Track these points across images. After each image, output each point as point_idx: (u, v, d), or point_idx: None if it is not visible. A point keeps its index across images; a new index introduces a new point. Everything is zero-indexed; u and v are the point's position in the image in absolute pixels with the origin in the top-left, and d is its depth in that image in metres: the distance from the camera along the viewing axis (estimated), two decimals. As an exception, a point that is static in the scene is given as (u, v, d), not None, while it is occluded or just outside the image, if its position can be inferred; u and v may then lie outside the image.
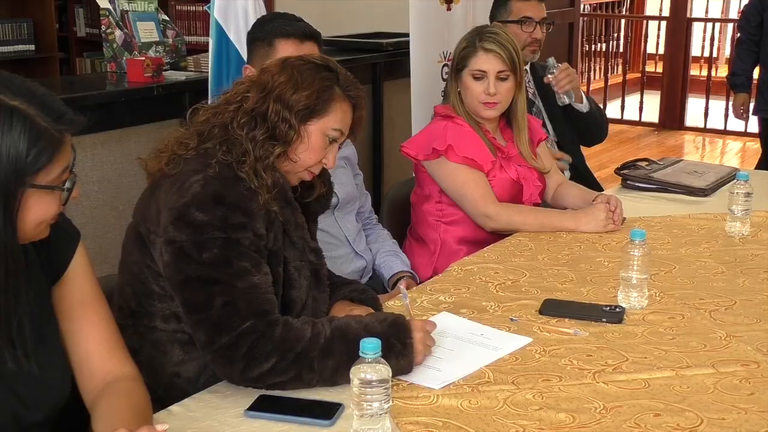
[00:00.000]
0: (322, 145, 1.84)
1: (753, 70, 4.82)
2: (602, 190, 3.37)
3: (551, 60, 3.28)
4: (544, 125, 3.34)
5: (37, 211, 1.34)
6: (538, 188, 2.81)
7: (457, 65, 2.73)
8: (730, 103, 5.23)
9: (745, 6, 4.89)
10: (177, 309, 1.75)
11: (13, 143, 1.27)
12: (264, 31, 2.49)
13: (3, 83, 1.30)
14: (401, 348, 1.67)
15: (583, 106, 3.37)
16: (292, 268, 1.83)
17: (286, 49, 2.40)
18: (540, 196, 2.84)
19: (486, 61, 2.67)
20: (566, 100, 3.28)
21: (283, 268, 1.81)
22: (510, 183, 2.74)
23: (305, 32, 2.47)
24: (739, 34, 4.90)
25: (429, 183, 2.77)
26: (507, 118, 2.81)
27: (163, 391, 1.74)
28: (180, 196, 1.70)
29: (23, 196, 1.30)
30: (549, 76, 3.26)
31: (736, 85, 4.85)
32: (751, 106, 4.90)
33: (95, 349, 1.52)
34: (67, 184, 1.36)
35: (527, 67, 3.38)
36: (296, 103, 1.79)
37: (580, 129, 3.46)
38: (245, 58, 2.77)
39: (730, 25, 8.95)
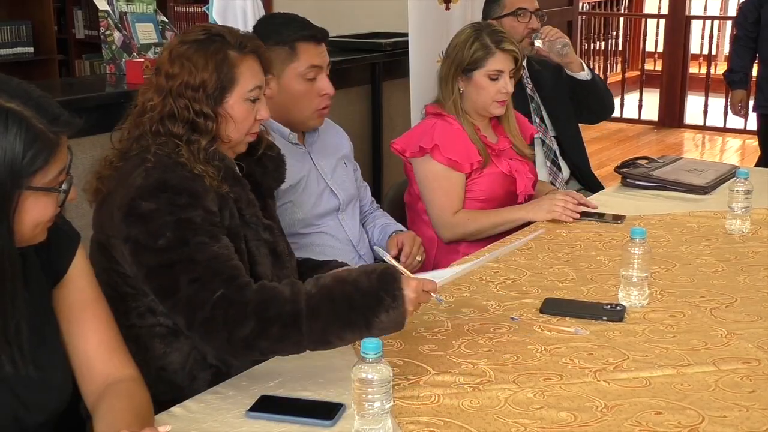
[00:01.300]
0: (246, 111, 1.84)
1: (751, 67, 4.77)
2: (603, 188, 3.38)
3: (534, 34, 3.32)
4: (543, 121, 3.35)
5: (33, 214, 1.34)
6: (530, 180, 2.86)
7: (467, 66, 2.74)
8: (729, 100, 5.21)
9: (743, 2, 4.83)
10: (151, 303, 1.76)
11: (9, 146, 1.27)
12: (282, 35, 2.41)
13: None
14: (391, 301, 1.57)
15: (585, 74, 3.37)
16: (252, 246, 1.84)
17: (308, 51, 2.38)
18: (533, 188, 2.87)
19: (504, 61, 2.73)
20: (559, 46, 3.28)
21: (245, 245, 1.82)
22: (502, 177, 2.78)
23: (323, 34, 2.44)
24: (736, 31, 4.86)
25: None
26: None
27: (152, 387, 1.74)
28: (126, 193, 1.70)
29: (20, 198, 1.30)
30: (537, 43, 3.29)
31: (733, 82, 4.80)
32: (750, 103, 4.89)
33: (96, 350, 1.53)
34: (64, 186, 1.37)
35: (524, 63, 3.39)
36: (202, 90, 1.77)
37: (586, 103, 3.44)
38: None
39: (729, 23, 8.94)
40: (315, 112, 2.45)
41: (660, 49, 9.10)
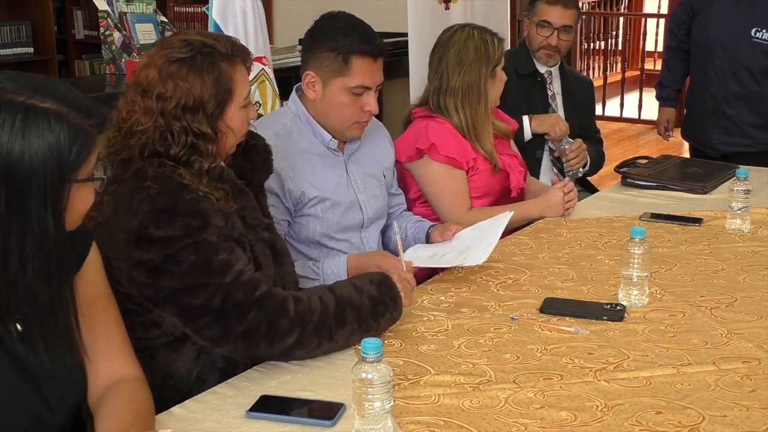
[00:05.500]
0: (243, 118, 1.83)
1: (683, 82, 4.05)
2: (597, 191, 3.39)
3: (565, 138, 3.26)
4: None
5: (80, 204, 1.38)
6: (521, 173, 2.90)
7: (497, 63, 2.76)
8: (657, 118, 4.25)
9: (676, 8, 4.04)
10: (155, 318, 1.75)
11: (56, 144, 1.30)
12: (338, 43, 2.28)
13: (28, 87, 1.32)
14: (393, 304, 1.85)
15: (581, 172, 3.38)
16: (256, 248, 1.85)
17: (362, 68, 2.29)
18: (524, 180, 2.91)
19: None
20: (578, 175, 3.29)
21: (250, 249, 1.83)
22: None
23: (381, 49, 2.33)
24: (667, 40, 4.14)
25: (414, 186, 2.79)
26: None
27: (157, 394, 1.73)
28: (132, 218, 1.67)
29: (70, 192, 1.34)
30: (565, 146, 3.24)
31: (662, 98, 4.07)
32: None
33: (103, 346, 1.53)
34: (100, 173, 1.41)
35: (556, 69, 3.40)
36: (201, 110, 1.73)
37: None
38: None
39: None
40: (354, 124, 2.37)
41: (660, 48, 9.08)
